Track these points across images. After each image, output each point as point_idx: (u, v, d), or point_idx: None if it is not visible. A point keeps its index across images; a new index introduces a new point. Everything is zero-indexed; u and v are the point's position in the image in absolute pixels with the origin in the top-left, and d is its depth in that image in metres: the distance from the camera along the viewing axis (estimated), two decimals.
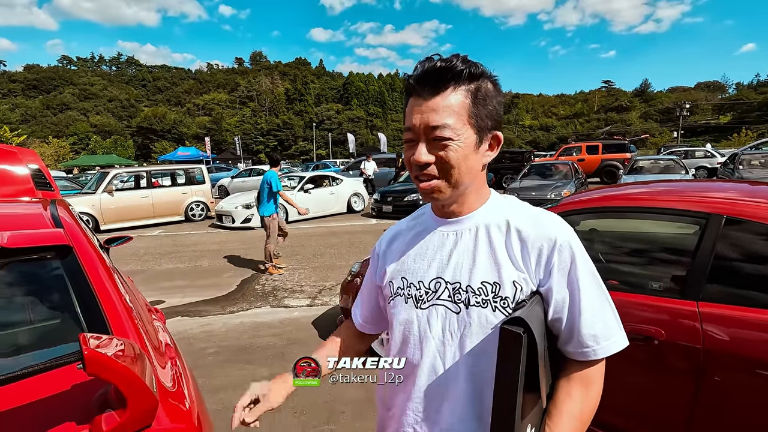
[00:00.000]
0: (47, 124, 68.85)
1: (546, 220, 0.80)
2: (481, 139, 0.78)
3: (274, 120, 77.00)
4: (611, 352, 0.77)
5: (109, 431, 0.84)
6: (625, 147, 16.24)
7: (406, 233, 0.93)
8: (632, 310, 1.81)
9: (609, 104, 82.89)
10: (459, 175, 0.76)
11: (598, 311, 0.77)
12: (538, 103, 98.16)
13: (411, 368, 0.83)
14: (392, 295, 0.88)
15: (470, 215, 0.83)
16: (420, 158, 0.75)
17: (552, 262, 0.76)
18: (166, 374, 1.21)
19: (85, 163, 33.73)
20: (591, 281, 0.78)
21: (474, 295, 0.77)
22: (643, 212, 2.01)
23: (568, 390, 0.78)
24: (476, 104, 0.76)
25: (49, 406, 0.92)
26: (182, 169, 11.91)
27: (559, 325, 0.78)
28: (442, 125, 0.74)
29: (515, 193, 9.97)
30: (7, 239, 1.32)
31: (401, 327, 0.85)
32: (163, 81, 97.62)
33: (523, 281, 0.77)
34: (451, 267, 0.81)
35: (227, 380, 3.05)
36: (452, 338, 0.79)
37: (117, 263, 6.69)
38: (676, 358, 1.68)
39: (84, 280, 1.36)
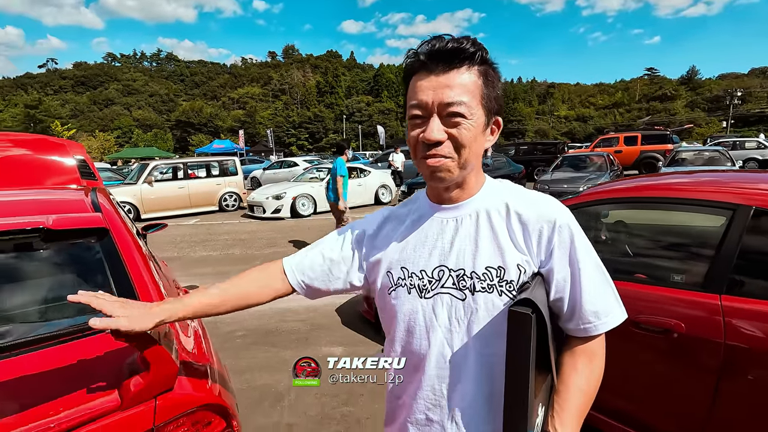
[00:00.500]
0: (94, 118, 72.72)
1: (544, 203, 0.81)
2: (489, 121, 0.79)
3: (305, 113, 78.03)
4: (611, 326, 0.79)
5: (135, 392, 0.93)
6: (667, 138, 15.44)
7: (399, 220, 0.91)
8: (652, 302, 1.78)
9: (652, 93, 78.75)
10: (468, 156, 0.76)
11: (598, 288, 0.79)
12: (575, 92, 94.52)
13: (419, 358, 0.83)
14: (393, 285, 0.86)
15: (469, 200, 0.83)
16: (432, 135, 0.73)
17: (553, 243, 0.78)
18: (189, 346, 1.30)
19: (127, 155, 35.45)
20: (590, 260, 0.79)
21: (479, 280, 0.78)
22: (666, 203, 1.95)
23: (574, 364, 0.80)
24: (487, 86, 0.76)
25: (87, 368, 1.03)
26: (216, 161, 12.33)
27: (561, 304, 0.80)
28: (458, 102, 0.72)
29: (546, 185, 9.73)
30: (52, 221, 1.45)
31: (406, 318, 0.84)
32: (200, 76, 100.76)
33: (526, 264, 0.78)
34: (454, 254, 0.80)
35: (253, 362, 3.20)
36: (459, 325, 0.79)
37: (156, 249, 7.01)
38: (696, 352, 1.64)
39: (118, 260, 1.48)
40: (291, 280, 0.93)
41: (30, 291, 1.44)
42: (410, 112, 0.77)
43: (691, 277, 1.83)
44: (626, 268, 2.29)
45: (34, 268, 1.50)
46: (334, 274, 0.93)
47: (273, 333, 3.71)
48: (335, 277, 0.93)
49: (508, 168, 11.95)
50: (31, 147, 4.03)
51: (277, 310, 4.25)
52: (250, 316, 4.13)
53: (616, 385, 1.93)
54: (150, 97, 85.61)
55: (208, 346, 1.54)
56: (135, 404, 0.93)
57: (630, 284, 1.89)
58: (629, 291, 1.87)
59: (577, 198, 2.35)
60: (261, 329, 3.80)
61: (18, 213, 1.66)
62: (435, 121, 0.74)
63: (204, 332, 1.67)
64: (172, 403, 1.01)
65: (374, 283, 0.90)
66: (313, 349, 3.38)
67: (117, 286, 1.39)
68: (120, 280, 1.42)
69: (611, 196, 2.24)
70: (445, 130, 0.74)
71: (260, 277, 0.94)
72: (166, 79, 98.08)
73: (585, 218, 2.50)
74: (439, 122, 0.74)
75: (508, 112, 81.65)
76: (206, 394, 1.12)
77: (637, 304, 1.82)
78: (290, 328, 3.80)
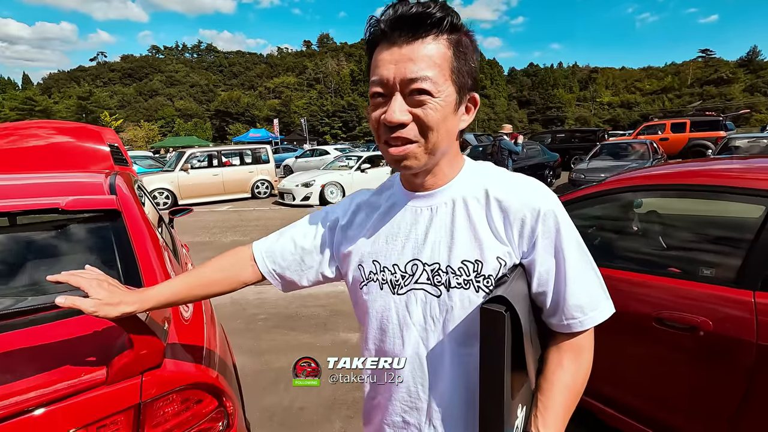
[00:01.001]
0: (139, 108, 76.29)
1: (528, 188, 0.73)
2: (461, 99, 0.70)
3: (339, 101, 78.40)
4: (597, 321, 0.73)
5: (119, 367, 0.95)
6: (719, 124, 14.36)
7: (373, 208, 0.85)
8: (676, 297, 1.65)
9: (706, 77, 73.48)
10: (437, 140, 0.68)
11: (584, 281, 0.72)
12: (620, 77, 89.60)
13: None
14: (364, 280, 0.80)
15: (445, 187, 0.76)
16: (393, 117, 0.65)
17: (536, 233, 0.71)
18: (185, 329, 1.31)
19: (169, 144, 36.99)
20: (576, 251, 0.72)
21: (455, 275, 0.71)
22: (696, 191, 1.80)
23: (559, 360, 0.74)
24: (458, 58, 0.67)
25: (75, 345, 1.06)
26: (249, 150, 12.63)
27: (544, 298, 0.73)
28: (422, 77, 0.64)
29: (582, 174, 9.33)
30: (65, 203, 1.51)
31: (378, 315, 0.79)
32: (237, 66, 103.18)
33: (507, 255, 0.71)
34: (428, 247, 0.74)
35: (272, 344, 3.27)
36: (435, 324, 0.73)
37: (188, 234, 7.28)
38: (724, 352, 1.51)
39: (127, 241, 1.52)
40: (261, 268, 0.89)
41: (41, 268, 1.52)
42: (371, 90, 0.69)
43: (722, 272, 1.68)
44: (652, 260, 2.15)
45: (49, 247, 1.58)
46: (306, 263, 0.88)
47: (293, 317, 3.78)
48: (307, 266, 0.88)
49: (542, 156, 11.52)
50: (71, 134, 4.26)
51: (298, 295, 4.32)
52: (273, 300, 4.23)
53: (637, 384, 1.83)
54: (191, 88, 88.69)
55: (211, 330, 1.56)
56: (120, 379, 0.95)
57: (653, 277, 1.76)
58: (652, 284, 1.75)
59: (604, 184, 2.21)
60: (282, 314, 3.87)
61: (41, 194, 1.74)
62: (397, 100, 0.65)
63: (210, 317, 1.68)
64: (160, 379, 1.02)
65: (346, 275, 0.86)
66: (331, 335, 3.42)
67: (123, 268, 1.43)
68: (127, 262, 1.46)
69: (641, 183, 2.09)
70: (409, 110, 0.66)
71: (227, 265, 0.90)
72: (206, 69, 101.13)
73: (611, 206, 2.36)
74: (401, 101, 0.65)
75: (547, 98, 78.78)
76: (196, 373, 1.13)
77: (660, 299, 1.70)
78: (310, 313, 3.86)
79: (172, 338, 1.18)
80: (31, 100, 52.18)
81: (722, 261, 1.77)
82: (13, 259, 1.57)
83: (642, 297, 1.74)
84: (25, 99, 52.90)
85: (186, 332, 1.31)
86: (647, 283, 1.76)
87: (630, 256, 2.22)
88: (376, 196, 0.87)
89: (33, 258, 1.57)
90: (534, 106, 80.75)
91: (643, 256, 2.20)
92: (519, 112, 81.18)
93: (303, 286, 0.91)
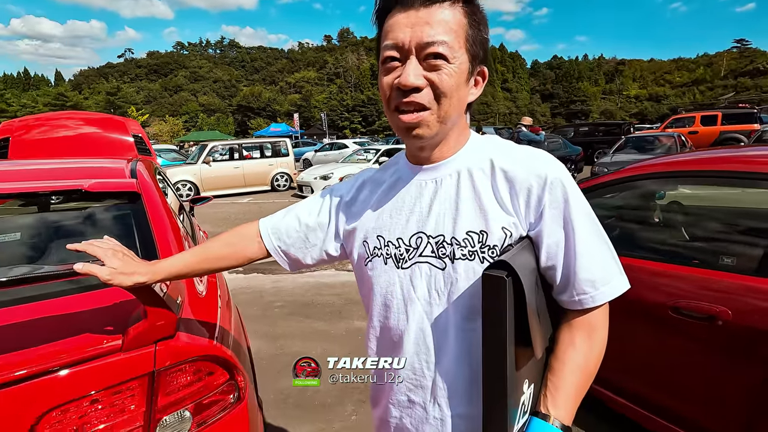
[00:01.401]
0: (165, 104, 78.16)
1: (534, 157, 0.71)
2: (473, 69, 0.69)
3: (359, 96, 78.49)
4: (611, 297, 0.69)
5: (135, 336, 0.99)
6: (754, 117, 13.74)
7: (377, 184, 0.84)
8: (694, 285, 1.61)
9: (741, 68, 70.34)
10: (449, 107, 0.67)
11: (595, 254, 0.69)
12: (648, 69, 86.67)
13: (398, 335, 0.76)
14: (369, 256, 0.79)
15: (449, 159, 0.75)
16: (408, 80, 0.64)
17: (543, 202, 0.68)
18: (199, 306, 1.36)
19: (193, 138, 37.80)
20: (587, 222, 0.69)
21: (459, 247, 0.70)
22: (725, 177, 1.73)
23: (571, 339, 0.71)
24: (472, 26, 0.67)
25: (94, 315, 1.12)
26: (269, 143, 12.79)
27: (553, 273, 0.70)
28: (439, 41, 0.63)
29: (604, 168, 9.08)
30: (88, 185, 1.58)
31: (382, 291, 0.77)
32: (259, 61, 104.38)
33: (513, 226, 0.69)
34: (432, 219, 0.73)
35: (287, 330, 3.34)
36: (439, 297, 0.72)
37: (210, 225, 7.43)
38: (743, 342, 1.47)
39: (146, 221, 1.57)
40: (267, 245, 0.90)
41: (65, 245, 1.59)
42: (383, 54, 0.67)
43: (743, 261, 1.63)
44: (671, 249, 2.09)
45: (73, 225, 1.65)
46: (311, 241, 0.88)
47: (309, 305, 3.83)
48: (311, 244, 0.88)
49: (564, 150, 11.30)
50: (99, 125, 4.41)
51: (314, 284, 4.39)
52: (290, 288, 4.30)
53: (651, 373, 1.79)
54: (214, 83, 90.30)
55: (226, 312, 1.59)
56: (134, 347, 1.00)
57: (671, 266, 1.72)
58: (669, 273, 1.71)
59: (626, 171, 2.15)
60: (298, 301, 3.94)
61: (66, 177, 1.82)
62: (412, 63, 0.64)
63: (227, 302, 1.71)
64: (174, 350, 1.06)
65: (351, 253, 0.85)
66: (346, 323, 3.45)
67: (141, 246, 1.49)
68: (145, 240, 1.51)
69: (668, 169, 2.02)
70: (423, 75, 0.65)
71: (234, 240, 0.92)
72: (228, 65, 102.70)
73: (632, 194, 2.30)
74: (417, 64, 0.64)
75: (571, 92, 76.89)
76: (208, 345, 1.17)
77: (677, 288, 1.65)
78: (325, 301, 3.91)
79: (187, 313, 1.22)
80: (62, 96, 54.17)
81: (744, 250, 1.71)
82: (42, 237, 1.65)
83: (658, 286, 1.70)
84: (57, 95, 54.97)
85: (200, 309, 1.35)
86: (664, 272, 1.72)
87: (649, 245, 2.17)
88: (380, 172, 0.87)
89: (59, 237, 1.65)
90: (557, 100, 79.00)
91: (661, 245, 2.14)
92: (542, 106, 79.57)
93: (308, 264, 0.92)
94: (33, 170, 1.97)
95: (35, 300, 1.14)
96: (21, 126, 4.07)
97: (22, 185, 1.68)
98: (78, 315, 1.10)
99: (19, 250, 1.66)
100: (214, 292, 1.72)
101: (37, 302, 1.13)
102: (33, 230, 1.71)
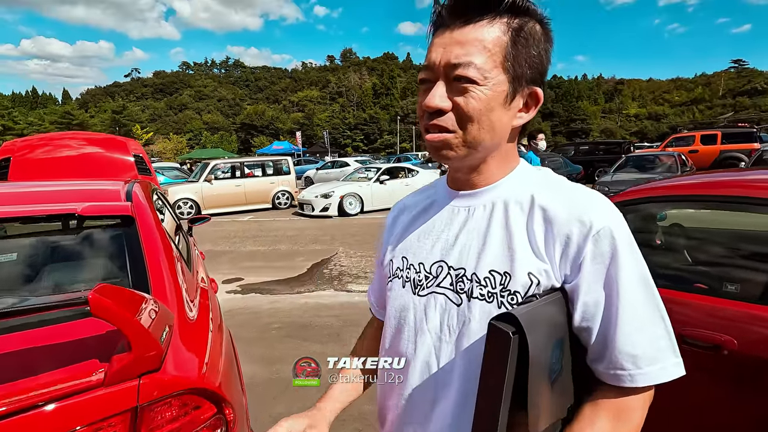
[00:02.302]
0: (169, 122, 79.22)
1: (582, 199, 0.63)
2: (516, 90, 0.63)
3: (361, 114, 79.39)
4: (656, 381, 0.58)
5: (117, 369, 0.96)
6: (753, 136, 13.80)
7: (412, 207, 0.82)
8: (699, 313, 1.57)
9: (739, 87, 71.13)
10: (478, 132, 0.62)
11: (643, 326, 0.59)
12: (647, 88, 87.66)
13: (405, 363, 0.73)
14: (390, 275, 0.78)
15: (489, 187, 0.69)
16: (431, 102, 0.61)
17: (583, 253, 0.59)
18: (189, 335, 1.32)
19: (196, 156, 38.15)
20: (638, 286, 0.59)
21: (479, 285, 0.64)
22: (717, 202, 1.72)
23: (592, 419, 0.60)
24: (516, 45, 0.60)
25: (75, 347, 1.08)
26: (271, 161, 12.87)
27: (588, 335, 0.61)
28: (466, 63, 0.59)
29: (605, 187, 9.09)
30: (81, 208, 1.56)
31: (397, 314, 0.75)
32: (263, 80, 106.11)
33: (543, 274, 0.61)
34: (457, 249, 0.68)
35: (284, 353, 3.27)
36: (450, 334, 0.67)
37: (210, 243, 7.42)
38: (750, 373, 1.42)
39: (138, 245, 1.55)
40: (377, 315, 0.92)
41: (59, 269, 1.57)
42: (420, 76, 0.65)
43: (748, 288, 1.59)
44: (673, 274, 2.05)
45: (66, 249, 1.63)
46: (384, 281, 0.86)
47: (307, 327, 3.77)
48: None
49: (564, 168, 11.32)
50: (100, 145, 4.45)
51: (313, 305, 4.33)
52: (287, 309, 4.24)
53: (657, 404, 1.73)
54: (218, 102, 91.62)
55: (217, 337, 1.56)
56: (117, 382, 0.96)
57: (674, 292, 1.68)
58: (672, 299, 1.66)
59: (626, 194, 2.14)
60: (296, 323, 3.88)
61: (62, 200, 1.81)
62: (439, 85, 0.62)
63: (218, 325, 1.69)
64: (158, 384, 1.02)
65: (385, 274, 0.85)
66: (343, 347, 3.39)
67: (131, 267, 1.46)
68: (137, 265, 1.49)
69: (669, 193, 2.00)
70: (449, 97, 0.61)
71: (372, 339, 0.92)
72: (233, 84, 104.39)
73: (632, 218, 2.28)
74: (443, 87, 0.61)
75: (571, 110, 77.61)
76: (196, 378, 1.13)
77: (681, 315, 1.61)
78: (323, 323, 3.85)
79: (175, 341, 1.19)
80: (69, 114, 54.97)
81: (748, 276, 1.67)
82: (34, 260, 1.63)
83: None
84: (64, 113, 55.80)
85: (190, 336, 1.31)
86: (668, 299, 1.68)
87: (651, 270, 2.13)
88: (418, 195, 0.84)
89: (52, 260, 1.63)
90: (558, 118, 79.66)
91: (663, 270, 2.10)
92: (542, 124, 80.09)
93: None
94: (28, 193, 1.96)
95: (14, 330, 1.11)
96: (23, 146, 4.11)
97: (16, 209, 1.67)
98: (59, 347, 1.07)
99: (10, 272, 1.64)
100: (206, 315, 1.68)
101: (15, 333, 1.10)
102: (26, 253, 1.69)
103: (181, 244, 2.38)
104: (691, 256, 2.13)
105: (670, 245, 2.29)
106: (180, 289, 1.49)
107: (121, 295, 0.98)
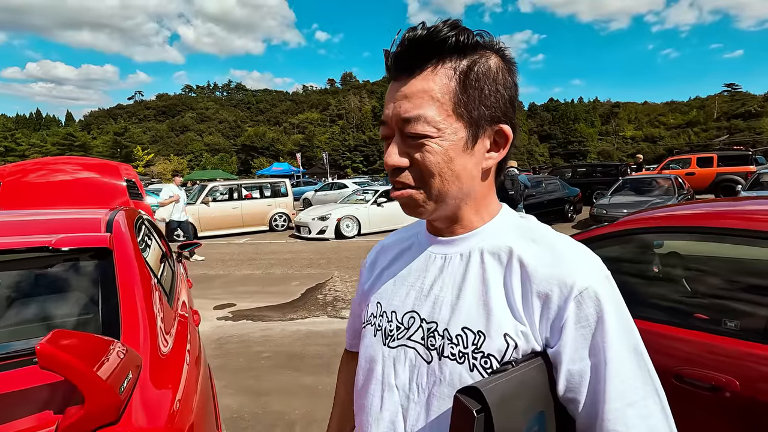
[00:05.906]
0: (171, 143, 79.95)
1: (565, 254, 0.57)
2: (476, 134, 0.59)
3: (360, 136, 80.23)
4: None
5: (71, 423, 0.88)
6: (749, 158, 13.89)
7: (393, 247, 0.77)
8: (698, 351, 1.50)
9: (733, 110, 72.12)
10: (441, 185, 0.58)
11: (635, 401, 0.52)
12: (643, 111, 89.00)
13: (368, 420, 0.66)
14: (364, 321, 0.74)
15: (467, 235, 0.64)
16: (388, 160, 0.59)
17: (565, 316, 0.54)
18: (163, 370, 1.25)
19: (196, 177, 38.32)
20: (628, 354, 0.53)
21: (450, 343, 0.58)
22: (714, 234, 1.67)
23: None
24: (466, 88, 0.57)
25: (34, 398, 1.01)
26: (268, 183, 12.88)
27: (575, 407, 0.55)
28: (415, 117, 0.56)
29: (603, 210, 9.08)
30: (54, 241, 1.51)
31: (366, 365, 0.69)
32: (264, 103, 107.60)
33: (521, 336, 0.56)
34: (431, 300, 0.63)
35: (273, 385, 3.15)
36: (419, 394, 0.61)
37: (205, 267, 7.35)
38: (753, 416, 1.34)
39: (113, 280, 1.49)
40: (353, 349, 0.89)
41: (28, 306, 1.50)
42: (380, 131, 0.64)
43: (750, 325, 1.52)
44: (670, 307, 1.98)
45: (37, 284, 1.57)
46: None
47: (297, 357, 3.66)
48: None
49: (562, 191, 11.32)
50: (93, 170, 4.42)
51: (305, 332, 4.22)
52: (278, 337, 4.13)
53: None
54: (219, 124, 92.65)
55: (192, 373, 1.49)
56: None
57: (671, 328, 1.61)
58: (670, 335, 1.60)
59: (618, 224, 2.09)
60: (286, 352, 3.76)
61: (37, 232, 1.75)
62: (395, 141, 0.60)
63: (195, 358, 1.62)
64: None
65: None
66: (333, 378, 3.27)
67: (103, 307, 1.40)
68: (109, 300, 1.42)
69: (665, 224, 1.95)
70: (407, 153, 0.59)
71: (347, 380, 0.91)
72: (234, 107, 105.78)
73: (627, 248, 2.22)
74: (399, 143, 0.59)
75: (568, 132, 78.56)
76: (162, 428, 1.06)
77: (679, 353, 1.54)
78: (314, 352, 3.73)
79: (144, 382, 1.12)
80: (71, 136, 55.55)
81: (749, 311, 1.61)
82: (1, 296, 1.56)
83: (660, 349, 1.59)
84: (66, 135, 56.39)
85: (161, 374, 1.24)
86: (665, 335, 1.61)
87: (647, 303, 2.06)
88: (401, 234, 0.80)
89: (21, 296, 1.56)
90: (555, 141, 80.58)
91: (660, 302, 2.04)
92: (540, 146, 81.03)
93: None
94: (4, 223, 1.90)
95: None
96: (15, 171, 4.08)
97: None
98: (10, 396, 0.99)
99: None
100: (182, 348, 1.60)
101: None
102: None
103: (166, 273, 2.31)
104: (690, 288, 2.06)
105: (667, 275, 2.23)
106: (155, 324, 1.42)
107: (78, 341, 0.91)
